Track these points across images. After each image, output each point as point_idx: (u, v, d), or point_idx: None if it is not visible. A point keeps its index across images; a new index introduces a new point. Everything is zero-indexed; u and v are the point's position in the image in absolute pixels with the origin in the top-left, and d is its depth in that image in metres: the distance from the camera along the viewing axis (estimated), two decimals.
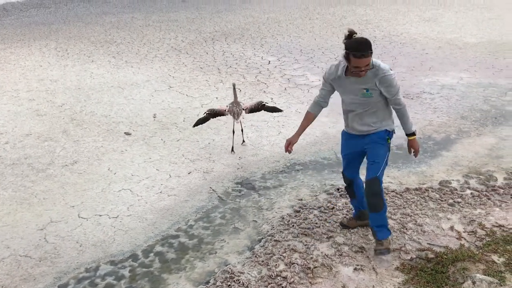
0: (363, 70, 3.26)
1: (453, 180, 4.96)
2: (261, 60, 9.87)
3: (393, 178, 5.05)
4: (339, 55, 9.89)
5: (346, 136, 3.79)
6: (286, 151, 3.72)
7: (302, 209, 4.50)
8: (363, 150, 3.70)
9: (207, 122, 5.80)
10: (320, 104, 3.69)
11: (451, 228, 4.06)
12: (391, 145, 3.70)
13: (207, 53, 10.49)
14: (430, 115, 6.76)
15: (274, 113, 6.18)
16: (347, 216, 4.25)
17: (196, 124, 5.76)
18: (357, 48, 3.19)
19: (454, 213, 4.31)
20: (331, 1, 17.29)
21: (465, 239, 3.90)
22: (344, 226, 4.12)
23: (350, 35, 3.26)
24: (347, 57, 3.26)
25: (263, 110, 5.89)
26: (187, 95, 7.79)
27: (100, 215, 4.53)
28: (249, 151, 5.81)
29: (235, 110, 5.64)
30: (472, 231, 3.99)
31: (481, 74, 8.70)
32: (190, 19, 14.45)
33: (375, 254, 3.67)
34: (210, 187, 5.00)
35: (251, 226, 4.30)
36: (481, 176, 5.02)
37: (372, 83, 3.38)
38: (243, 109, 5.70)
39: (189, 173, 5.29)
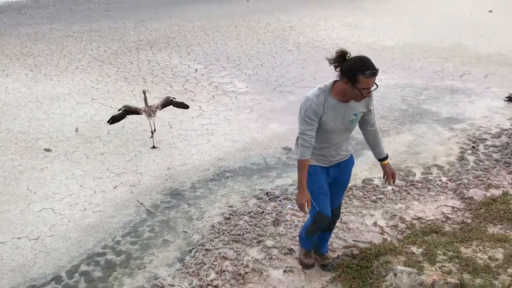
0: (371, 90, 2.86)
1: (375, 177, 5.17)
2: (188, 68, 9.80)
3: None
4: (266, 62, 10.08)
5: (320, 170, 3.21)
6: (305, 211, 3.14)
7: (232, 216, 4.50)
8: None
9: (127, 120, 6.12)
10: (312, 146, 3.03)
11: (375, 223, 4.23)
12: None
13: (131, 63, 10.25)
14: None
15: (183, 109, 6.63)
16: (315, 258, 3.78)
17: (112, 121, 5.93)
18: (367, 66, 2.75)
19: (377, 209, 4.49)
20: (256, 8, 17.56)
21: (387, 233, 4.07)
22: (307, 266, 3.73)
23: (343, 56, 2.82)
24: (353, 79, 2.76)
25: (172, 105, 6.34)
26: (111, 106, 7.55)
27: (19, 238, 4.26)
28: (178, 161, 5.72)
29: (149, 110, 5.96)
30: (394, 225, 4.18)
31: (398, 75, 9.19)
32: (113, 29, 14.07)
33: (326, 269, 3.59)
34: (138, 201, 4.86)
35: (181, 237, 4.23)
36: (401, 172, 5.28)
37: (363, 104, 3.05)
38: (156, 107, 6.05)
39: (115, 188, 5.11)
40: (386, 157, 3.32)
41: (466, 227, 4.01)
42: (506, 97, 7.63)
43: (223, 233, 4.19)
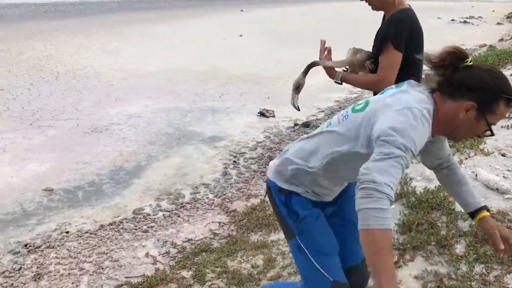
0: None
1: (146, 206, 5.10)
2: None
3: (87, 218, 4.84)
4: (19, 95, 9.05)
5: (316, 211, 2.05)
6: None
7: None
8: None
9: None
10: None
11: (147, 254, 4.13)
12: None
13: None
14: (120, 145, 6.85)
15: None
16: None
17: None
18: (509, 86, 1.65)
19: (149, 238, 4.42)
20: (2, 37, 15.83)
21: (160, 262, 4.03)
22: None
23: (460, 57, 1.67)
24: (488, 106, 1.63)
25: None
26: None
27: None
28: None
29: None
30: (166, 252, 4.16)
31: (163, 99, 9.39)
32: None
33: None
34: None
35: None
36: (171, 196, 5.33)
37: None
38: None
39: None
40: (484, 208, 1.96)
41: (232, 240, 4.25)
42: (258, 112, 8.52)
43: None
